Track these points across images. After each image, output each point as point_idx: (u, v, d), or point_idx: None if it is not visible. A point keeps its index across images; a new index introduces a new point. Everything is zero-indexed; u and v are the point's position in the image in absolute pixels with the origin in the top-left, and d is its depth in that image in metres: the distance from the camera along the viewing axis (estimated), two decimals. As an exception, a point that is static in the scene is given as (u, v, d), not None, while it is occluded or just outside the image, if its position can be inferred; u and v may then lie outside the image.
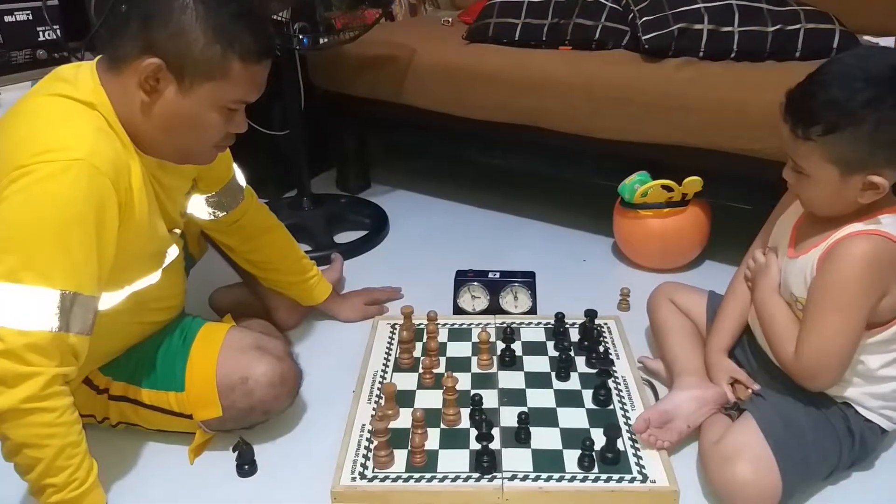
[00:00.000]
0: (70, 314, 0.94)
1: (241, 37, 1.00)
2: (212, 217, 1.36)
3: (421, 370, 1.36)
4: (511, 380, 1.34)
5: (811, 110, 0.98)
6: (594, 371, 1.34)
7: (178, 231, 1.24)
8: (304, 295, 1.53)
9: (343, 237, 2.01)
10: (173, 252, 1.22)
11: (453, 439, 1.19)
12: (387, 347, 1.45)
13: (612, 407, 1.26)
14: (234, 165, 1.38)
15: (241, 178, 1.40)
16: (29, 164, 0.92)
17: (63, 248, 0.93)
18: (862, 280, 1.00)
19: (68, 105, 0.99)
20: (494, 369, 1.37)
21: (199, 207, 1.34)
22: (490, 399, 1.27)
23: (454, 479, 1.10)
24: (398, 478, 1.11)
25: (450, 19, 2.30)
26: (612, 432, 1.13)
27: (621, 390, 1.30)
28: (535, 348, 1.43)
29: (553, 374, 1.35)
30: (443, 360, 1.40)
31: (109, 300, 1.09)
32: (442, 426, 1.22)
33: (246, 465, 1.18)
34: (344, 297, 1.62)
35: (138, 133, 1.04)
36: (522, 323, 1.52)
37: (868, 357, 1.07)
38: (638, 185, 1.73)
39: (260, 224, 1.45)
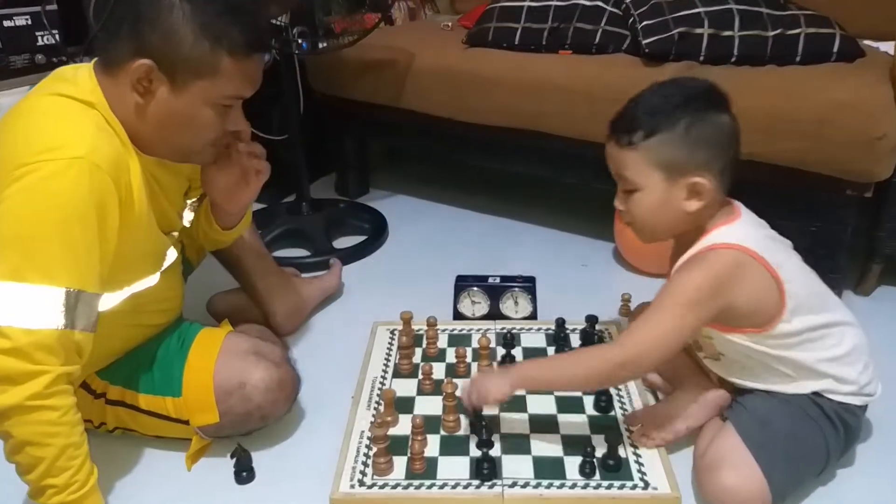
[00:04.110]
0: (75, 311, 0.95)
1: (228, 32, 1.01)
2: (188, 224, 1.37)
3: (420, 376, 1.35)
4: (511, 385, 1.33)
5: (633, 118, 1.07)
6: (595, 377, 1.33)
7: (175, 234, 1.24)
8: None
9: (342, 242, 2.00)
10: (172, 255, 1.23)
11: (453, 446, 1.18)
12: (386, 353, 1.45)
13: (613, 413, 1.25)
14: None
15: None
16: (31, 163, 0.94)
17: (66, 247, 0.94)
18: (700, 287, 1.03)
19: (69, 104, 1.01)
20: (494, 375, 1.36)
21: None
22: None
23: (454, 486, 1.10)
24: (397, 485, 1.10)
25: (449, 24, 2.29)
26: (614, 439, 1.12)
27: (623, 397, 1.30)
28: (535, 354, 1.42)
29: (553, 379, 1.34)
30: (442, 365, 1.39)
31: (109, 301, 1.09)
32: (442, 433, 1.21)
33: (244, 472, 1.17)
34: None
35: (136, 133, 1.06)
36: (523, 328, 1.51)
37: (798, 354, 1.07)
38: (638, 189, 1.72)
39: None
